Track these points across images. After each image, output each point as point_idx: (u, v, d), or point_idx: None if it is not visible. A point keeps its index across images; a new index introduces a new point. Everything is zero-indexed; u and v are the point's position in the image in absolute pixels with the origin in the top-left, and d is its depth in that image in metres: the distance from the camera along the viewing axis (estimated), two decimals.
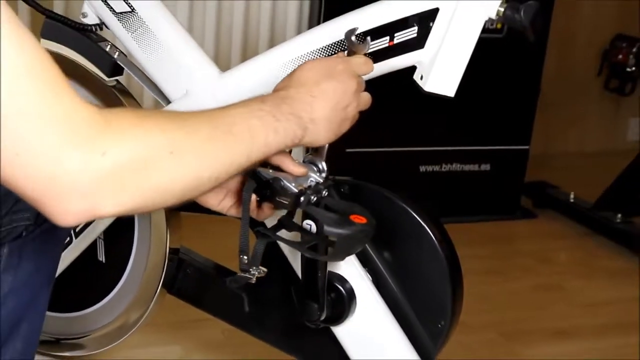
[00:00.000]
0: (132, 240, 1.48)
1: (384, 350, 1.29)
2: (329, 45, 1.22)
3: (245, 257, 1.12)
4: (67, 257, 1.47)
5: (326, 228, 1.06)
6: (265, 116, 0.96)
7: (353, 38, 1.09)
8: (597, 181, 2.86)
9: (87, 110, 0.76)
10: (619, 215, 2.70)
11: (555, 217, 2.88)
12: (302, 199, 1.08)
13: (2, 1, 0.72)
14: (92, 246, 1.48)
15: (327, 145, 1.15)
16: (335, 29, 1.23)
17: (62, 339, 1.60)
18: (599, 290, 2.37)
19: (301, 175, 1.11)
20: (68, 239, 1.45)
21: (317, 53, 1.23)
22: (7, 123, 0.72)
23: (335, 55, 1.15)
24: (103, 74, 1.42)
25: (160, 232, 1.42)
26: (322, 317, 1.26)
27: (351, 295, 1.27)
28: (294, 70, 1.07)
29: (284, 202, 1.10)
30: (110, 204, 0.78)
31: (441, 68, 1.15)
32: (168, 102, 1.37)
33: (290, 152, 1.17)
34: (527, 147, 2.85)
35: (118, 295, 1.51)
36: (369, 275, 1.29)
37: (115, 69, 1.43)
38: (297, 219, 1.13)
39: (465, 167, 2.80)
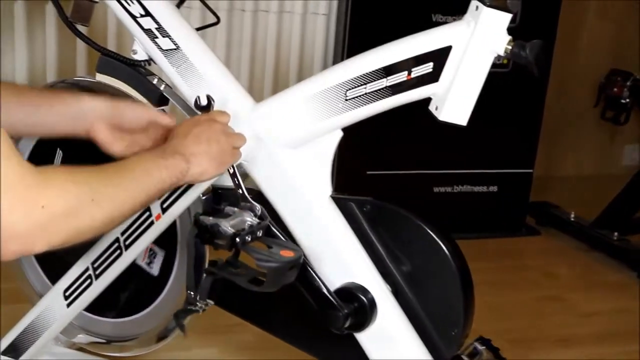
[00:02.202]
0: (174, 254, 1.49)
1: (401, 355, 1.28)
2: (350, 80, 1.22)
3: (192, 293, 1.22)
4: (116, 269, 1.47)
5: (258, 263, 1.10)
6: (155, 159, 1.08)
7: (201, 102, 1.21)
8: (595, 202, 2.84)
9: (29, 172, 0.84)
10: (616, 233, 2.67)
11: (557, 235, 2.85)
12: (237, 239, 1.12)
13: None
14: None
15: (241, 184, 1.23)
16: (356, 65, 1.23)
17: (112, 340, 1.60)
18: (598, 302, 2.34)
19: None
20: (118, 252, 1.46)
21: (340, 87, 1.23)
22: None
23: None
24: (151, 104, 1.43)
25: None
26: (346, 325, 1.25)
27: (372, 304, 1.26)
28: (173, 131, 1.19)
29: (222, 243, 1.14)
30: (41, 245, 0.88)
31: (454, 100, 1.15)
32: None
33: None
34: (531, 170, 2.83)
35: (161, 304, 1.52)
36: (388, 287, 1.28)
37: (161, 100, 1.43)
38: None
39: (475, 189, 2.78)
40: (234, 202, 1.24)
